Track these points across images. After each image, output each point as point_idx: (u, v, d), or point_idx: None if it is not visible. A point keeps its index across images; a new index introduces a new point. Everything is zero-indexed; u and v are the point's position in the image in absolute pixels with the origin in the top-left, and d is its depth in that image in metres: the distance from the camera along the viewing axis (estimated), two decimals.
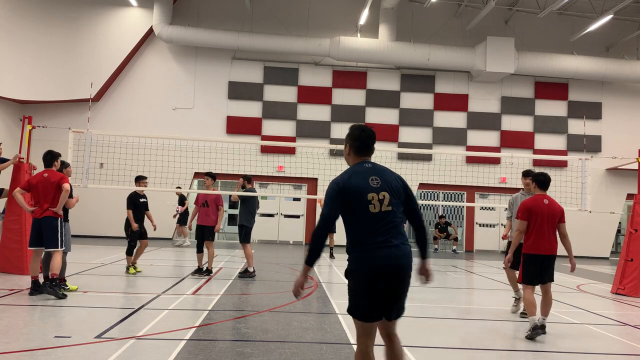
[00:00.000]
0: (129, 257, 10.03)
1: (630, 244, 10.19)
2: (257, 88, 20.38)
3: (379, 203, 3.39)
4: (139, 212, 10.14)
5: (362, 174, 3.47)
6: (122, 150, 14.56)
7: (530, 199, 6.42)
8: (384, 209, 3.39)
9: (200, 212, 10.18)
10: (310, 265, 3.43)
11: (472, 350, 5.54)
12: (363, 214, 3.38)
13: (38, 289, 7.29)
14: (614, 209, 19.31)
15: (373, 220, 3.37)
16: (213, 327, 5.98)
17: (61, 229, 7.44)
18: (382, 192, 3.42)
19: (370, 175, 3.47)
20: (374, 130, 3.73)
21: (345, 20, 20.50)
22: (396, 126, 20.65)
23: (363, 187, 3.40)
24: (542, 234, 6.13)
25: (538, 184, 6.43)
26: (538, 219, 6.13)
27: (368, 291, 3.35)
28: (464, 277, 12.49)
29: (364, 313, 3.39)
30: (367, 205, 3.37)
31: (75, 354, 4.69)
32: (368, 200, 3.38)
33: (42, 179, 7.48)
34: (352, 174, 3.48)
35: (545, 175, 6.40)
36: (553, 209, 6.22)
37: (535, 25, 20.71)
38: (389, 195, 3.43)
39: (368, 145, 3.62)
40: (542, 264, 6.14)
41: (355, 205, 3.39)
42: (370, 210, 3.37)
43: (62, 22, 19.25)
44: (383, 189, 3.43)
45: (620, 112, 21.23)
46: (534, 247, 6.14)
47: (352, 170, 3.53)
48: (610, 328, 6.95)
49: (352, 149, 3.63)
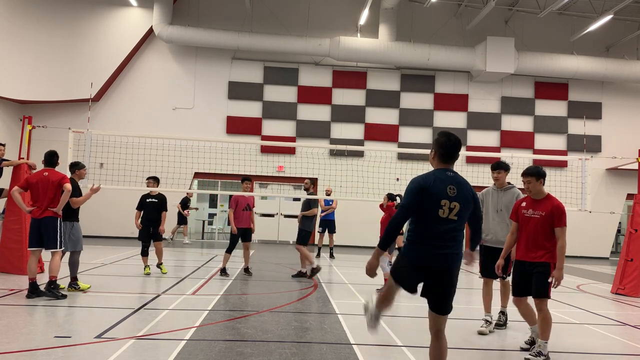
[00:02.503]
0: (143, 257, 10.08)
1: (630, 244, 10.19)
2: (257, 88, 20.38)
3: (449, 210, 3.75)
4: (147, 213, 10.17)
5: (442, 181, 3.80)
6: (122, 150, 14.55)
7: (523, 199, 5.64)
8: (450, 217, 3.75)
9: (244, 216, 10.37)
10: (383, 249, 3.87)
11: (472, 350, 5.54)
12: (431, 215, 3.75)
13: (36, 292, 7.21)
14: (614, 209, 19.31)
15: (438, 224, 3.74)
16: (213, 327, 5.98)
17: (61, 229, 7.39)
18: (454, 202, 3.77)
19: (449, 184, 3.81)
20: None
21: (345, 20, 20.50)
22: (396, 126, 20.65)
23: (439, 193, 3.76)
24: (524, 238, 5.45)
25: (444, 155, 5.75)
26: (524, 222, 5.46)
27: (409, 272, 3.82)
28: (464, 277, 12.48)
29: (402, 279, 3.85)
30: (437, 210, 3.74)
31: (75, 354, 4.69)
32: (440, 205, 3.74)
33: (42, 178, 7.40)
34: (435, 179, 3.81)
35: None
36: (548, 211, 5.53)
37: (535, 25, 20.71)
38: (459, 207, 3.78)
39: (452, 154, 3.96)
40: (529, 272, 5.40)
41: (427, 206, 3.75)
42: (440, 215, 3.74)
43: (62, 22, 19.25)
44: (456, 199, 3.78)
45: (620, 112, 21.23)
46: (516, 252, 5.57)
47: (435, 175, 3.85)
48: (610, 328, 6.95)
49: (437, 155, 3.98)
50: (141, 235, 10.14)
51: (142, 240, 10.16)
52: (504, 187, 6.59)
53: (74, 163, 8.51)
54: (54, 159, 7.65)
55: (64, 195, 7.31)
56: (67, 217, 7.77)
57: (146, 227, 10.16)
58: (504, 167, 6.61)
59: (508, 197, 6.46)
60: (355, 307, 7.50)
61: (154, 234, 10.21)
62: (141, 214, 10.26)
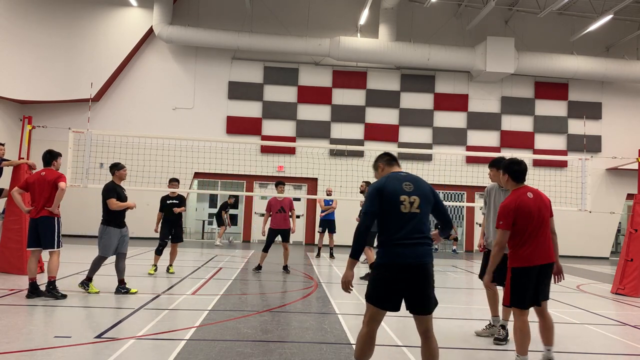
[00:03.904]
0: (156, 256, 10.11)
1: (630, 244, 10.18)
2: (257, 88, 20.38)
3: (410, 205, 3.86)
4: (168, 214, 10.22)
5: (397, 180, 3.97)
6: (122, 150, 14.53)
7: (510, 198, 4.79)
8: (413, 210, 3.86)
9: (279, 218, 10.95)
10: (356, 259, 3.90)
11: (471, 350, 5.54)
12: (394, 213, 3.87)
13: (36, 292, 7.21)
14: (614, 209, 19.31)
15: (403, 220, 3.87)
16: (213, 327, 5.97)
17: (58, 229, 7.34)
18: (413, 196, 3.89)
19: (404, 181, 3.98)
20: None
21: (345, 20, 20.50)
22: (396, 126, 20.64)
23: (396, 190, 3.89)
24: (536, 239, 4.66)
25: (512, 176, 4.86)
26: (527, 221, 4.65)
27: (390, 284, 3.78)
28: (463, 277, 12.48)
29: (381, 301, 3.81)
30: (399, 206, 3.86)
31: (75, 354, 4.69)
32: (400, 201, 3.87)
33: (39, 178, 7.38)
34: (388, 180, 3.98)
35: (521, 163, 4.89)
36: (542, 204, 4.77)
37: (535, 25, 20.71)
38: (419, 200, 3.91)
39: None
40: (538, 277, 4.68)
41: (388, 206, 3.89)
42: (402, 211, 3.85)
43: (62, 22, 19.25)
44: (414, 193, 3.93)
45: (620, 112, 21.23)
46: (528, 258, 4.63)
47: (388, 177, 4.02)
48: (610, 328, 6.95)
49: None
50: (162, 235, 10.20)
51: (162, 240, 10.20)
52: (505, 189, 5.87)
53: (113, 164, 8.16)
54: (48, 158, 7.57)
55: (57, 194, 7.21)
56: (105, 221, 7.77)
57: (167, 228, 10.22)
58: (495, 165, 6.00)
59: None
60: (355, 307, 7.50)
61: (175, 235, 10.27)
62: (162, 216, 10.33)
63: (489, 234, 5.98)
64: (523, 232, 4.64)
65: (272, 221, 11.01)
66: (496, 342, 5.76)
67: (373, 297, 3.84)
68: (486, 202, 6.17)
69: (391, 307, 3.81)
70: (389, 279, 3.78)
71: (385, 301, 3.81)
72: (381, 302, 3.81)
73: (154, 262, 10.12)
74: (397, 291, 3.78)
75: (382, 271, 3.82)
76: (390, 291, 3.78)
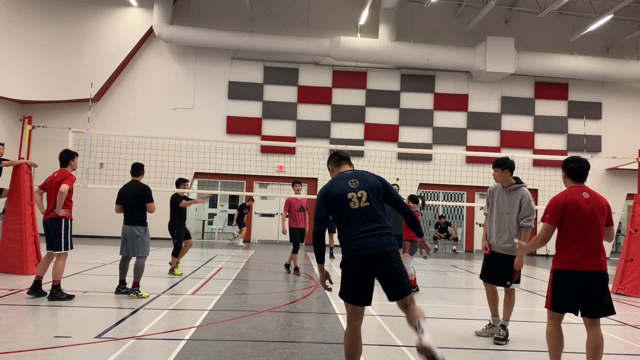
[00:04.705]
0: (174, 257, 10.02)
1: (630, 244, 10.19)
2: (257, 88, 20.38)
3: (358, 200, 3.98)
4: (182, 216, 10.18)
5: (342, 180, 4.13)
6: (122, 150, 14.56)
7: (561, 192, 4.47)
8: (362, 204, 3.96)
9: (300, 217, 10.90)
10: (321, 262, 4.10)
11: (471, 350, 5.54)
12: (346, 211, 3.99)
13: (37, 290, 7.19)
14: (614, 209, 19.21)
15: (355, 215, 3.97)
16: (213, 327, 5.97)
17: (65, 231, 7.27)
18: (360, 191, 4.01)
19: (349, 179, 4.09)
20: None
21: (345, 20, 20.50)
22: (396, 126, 20.64)
23: (342, 190, 4.04)
24: (583, 242, 4.27)
25: (569, 173, 4.50)
26: (574, 220, 4.28)
27: (357, 278, 3.86)
28: (464, 277, 12.48)
29: (352, 297, 3.89)
30: (348, 204, 3.98)
31: (75, 354, 4.69)
32: (349, 199, 4.00)
33: (51, 179, 7.38)
34: (333, 182, 4.13)
35: (580, 160, 4.51)
36: (597, 207, 4.35)
37: (535, 25, 20.71)
38: (367, 193, 4.00)
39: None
40: (585, 285, 4.24)
41: (338, 208, 4.05)
42: (352, 207, 3.98)
43: (62, 22, 19.25)
44: (361, 188, 4.04)
45: (620, 112, 21.23)
46: (570, 261, 4.27)
47: (333, 179, 4.18)
48: (610, 328, 6.94)
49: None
50: (179, 236, 10.04)
51: (179, 241, 10.04)
52: (511, 187, 5.81)
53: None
54: (65, 158, 7.51)
55: (58, 197, 7.11)
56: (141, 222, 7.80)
57: (183, 228, 10.16)
58: (500, 165, 5.84)
59: (512, 199, 5.74)
60: None
61: (186, 232, 10.26)
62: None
63: (491, 235, 5.88)
64: (567, 232, 4.30)
65: (292, 220, 10.88)
66: (496, 342, 5.72)
67: (345, 294, 3.92)
68: (488, 203, 6.04)
69: (363, 300, 3.87)
70: (354, 274, 3.86)
71: (355, 296, 3.87)
72: (352, 298, 3.88)
73: (174, 265, 9.99)
74: (364, 284, 3.84)
75: (346, 267, 3.92)
76: (359, 285, 3.85)
